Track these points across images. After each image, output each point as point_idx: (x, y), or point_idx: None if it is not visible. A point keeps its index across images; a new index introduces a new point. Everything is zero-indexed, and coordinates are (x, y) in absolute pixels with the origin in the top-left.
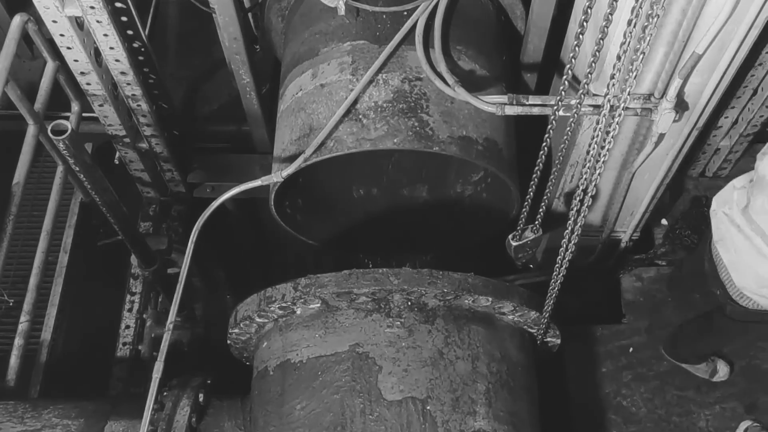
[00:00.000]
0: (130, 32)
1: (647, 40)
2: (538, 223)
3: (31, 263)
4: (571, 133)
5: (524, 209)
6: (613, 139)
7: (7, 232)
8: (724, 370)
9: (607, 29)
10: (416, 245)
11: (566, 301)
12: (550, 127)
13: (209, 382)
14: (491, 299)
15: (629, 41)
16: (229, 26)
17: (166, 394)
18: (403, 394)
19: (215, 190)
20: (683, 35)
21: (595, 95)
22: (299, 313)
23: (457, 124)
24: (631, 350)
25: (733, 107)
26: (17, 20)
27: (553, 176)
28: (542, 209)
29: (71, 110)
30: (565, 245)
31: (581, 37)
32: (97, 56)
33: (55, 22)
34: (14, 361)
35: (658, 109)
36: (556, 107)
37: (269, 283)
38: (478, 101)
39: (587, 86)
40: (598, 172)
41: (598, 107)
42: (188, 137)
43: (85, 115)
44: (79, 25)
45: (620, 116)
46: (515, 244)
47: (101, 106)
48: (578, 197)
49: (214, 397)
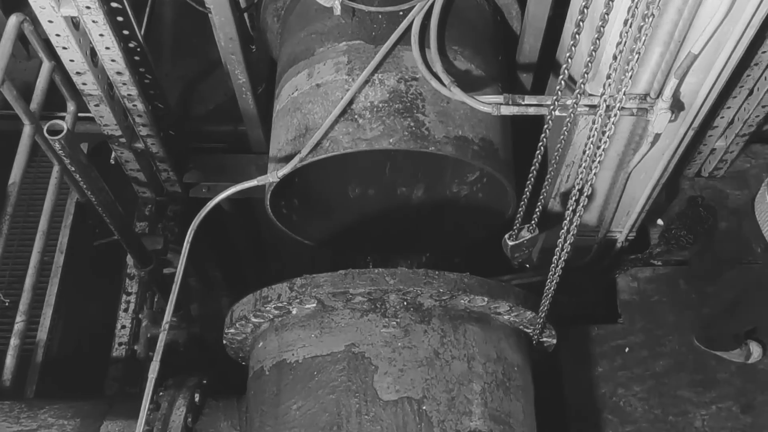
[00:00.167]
0: (125, 32)
1: (643, 39)
2: (534, 223)
3: (27, 263)
4: (567, 133)
5: (520, 209)
6: (609, 139)
7: (2, 232)
8: (757, 350)
9: (603, 29)
10: (412, 245)
11: (562, 301)
12: (546, 126)
13: (205, 382)
14: (487, 299)
15: (625, 41)
16: (224, 26)
17: (162, 394)
18: (398, 394)
19: (211, 190)
20: (679, 35)
21: (591, 95)
22: (295, 313)
23: (453, 124)
24: (627, 350)
25: (729, 107)
26: (13, 20)
27: (549, 176)
28: (538, 209)
29: (67, 110)
30: (561, 245)
31: (577, 36)
32: (92, 56)
33: (51, 22)
34: (10, 361)
35: (654, 109)
36: (552, 107)
37: (265, 283)
38: (474, 101)
39: (583, 86)
40: (594, 172)
41: (594, 107)
42: (184, 137)
43: (81, 115)
44: (75, 25)
45: (616, 116)
46: (511, 243)
47: (97, 106)
48: (574, 197)
49: (210, 397)
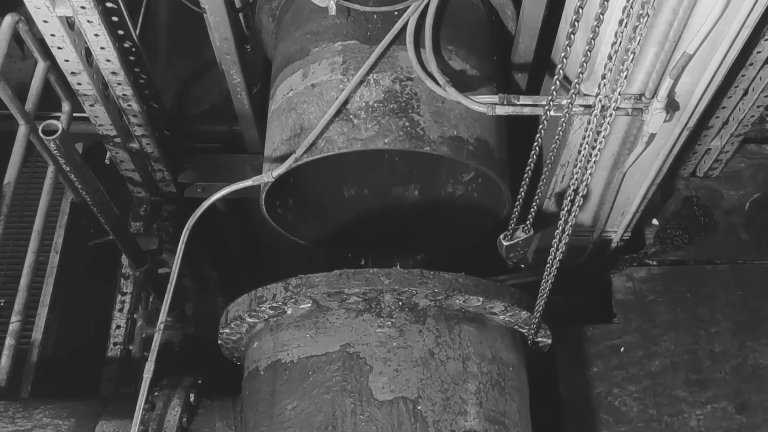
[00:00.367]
0: (120, 32)
1: (638, 39)
2: (529, 223)
3: (21, 263)
4: (562, 133)
5: (515, 209)
6: (604, 139)
7: None
8: None
9: (598, 29)
10: (407, 245)
11: (557, 301)
12: (541, 127)
13: (200, 382)
14: (482, 299)
15: (620, 41)
16: (219, 26)
17: (156, 394)
18: (393, 394)
19: (206, 190)
20: (674, 35)
21: (586, 95)
22: (290, 313)
23: (448, 124)
24: (622, 350)
25: (724, 107)
26: (8, 20)
27: (544, 176)
28: (533, 209)
29: (62, 110)
30: (556, 245)
31: (572, 37)
32: (87, 56)
33: (46, 22)
34: (5, 361)
35: (649, 109)
36: (547, 107)
37: (260, 283)
38: (468, 101)
39: (578, 86)
40: (589, 172)
41: (589, 107)
42: (179, 137)
43: (75, 115)
44: (70, 25)
45: (611, 116)
46: (506, 243)
47: (92, 106)
48: (569, 197)
49: (204, 397)
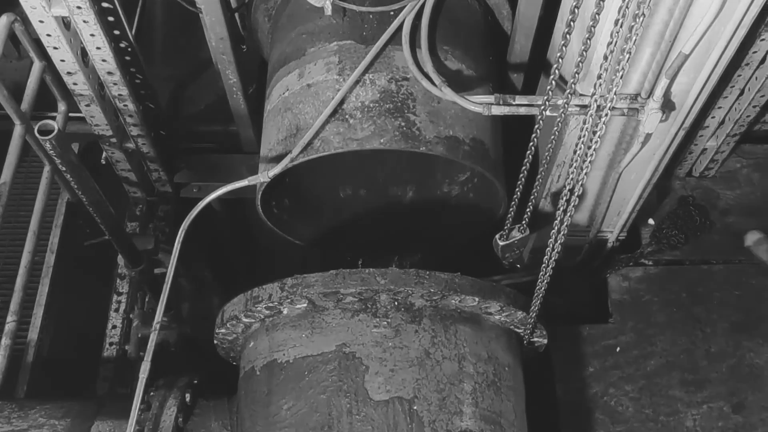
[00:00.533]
0: (116, 32)
1: (634, 39)
2: (525, 222)
3: (17, 263)
4: (557, 133)
5: (511, 209)
6: (599, 139)
7: None
8: None
9: (594, 29)
10: (403, 245)
11: (553, 301)
12: (537, 127)
13: (196, 382)
14: (478, 299)
15: (616, 41)
16: (215, 26)
17: (152, 394)
18: (389, 394)
19: (202, 190)
20: (670, 35)
21: (581, 95)
22: (286, 313)
23: (443, 124)
24: (618, 350)
25: (719, 107)
26: (4, 20)
27: (540, 176)
28: (529, 209)
29: (58, 110)
30: (551, 245)
31: (568, 37)
32: (83, 56)
33: (41, 22)
34: (1, 361)
35: (644, 109)
36: (542, 107)
37: (256, 283)
38: (464, 101)
39: (574, 86)
40: (584, 171)
41: (584, 107)
42: (175, 137)
43: (71, 115)
44: (65, 25)
45: (607, 116)
46: (502, 243)
47: (88, 106)
48: (565, 197)
49: (200, 397)
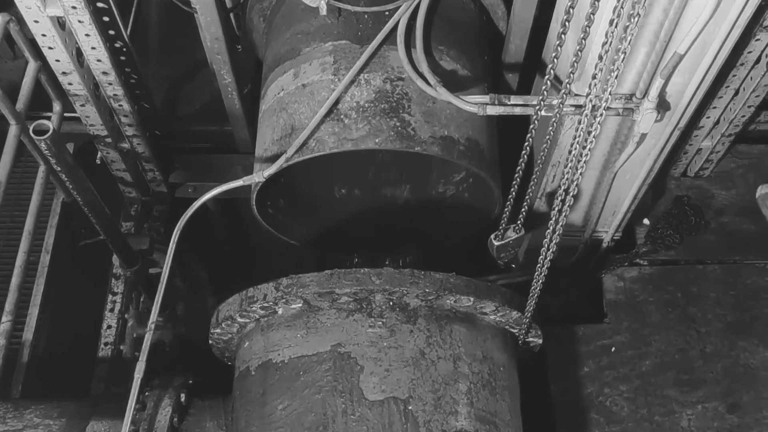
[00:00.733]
0: (111, 32)
1: (629, 40)
2: (520, 222)
3: (12, 263)
4: (552, 133)
5: (506, 209)
6: (594, 139)
7: None
8: None
9: (588, 29)
10: (398, 245)
11: (548, 301)
12: (532, 127)
13: (191, 382)
14: (473, 299)
15: (611, 41)
16: (210, 26)
17: (147, 394)
18: (384, 394)
19: (197, 190)
20: (665, 35)
21: (576, 95)
22: (281, 313)
23: (438, 124)
24: (613, 350)
25: (714, 107)
26: None
27: (535, 176)
28: (524, 209)
29: (53, 110)
30: (546, 245)
31: (563, 37)
32: (78, 56)
33: (36, 22)
34: None
35: (639, 109)
36: (538, 107)
37: (251, 283)
38: (459, 101)
39: (569, 86)
40: (579, 172)
41: (579, 107)
42: (170, 137)
43: (66, 115)
44: (60, 25)
45: (602, 116)
46: (497, 243)
47: (83, 106)
48: (560, 197)
49: (195, 397)
